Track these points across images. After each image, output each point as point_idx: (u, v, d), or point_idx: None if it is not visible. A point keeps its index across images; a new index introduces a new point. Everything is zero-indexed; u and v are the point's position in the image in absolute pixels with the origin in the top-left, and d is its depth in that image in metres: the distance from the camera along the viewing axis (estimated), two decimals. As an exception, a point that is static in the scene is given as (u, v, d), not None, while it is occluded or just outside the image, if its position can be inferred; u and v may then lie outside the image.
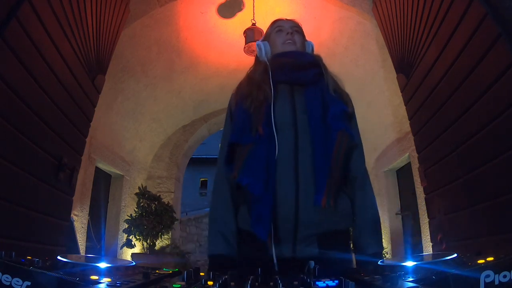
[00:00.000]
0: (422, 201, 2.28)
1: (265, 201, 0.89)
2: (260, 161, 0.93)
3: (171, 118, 4.94)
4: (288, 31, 1.14)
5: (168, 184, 5.16)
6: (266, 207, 0.89)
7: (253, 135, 0.96)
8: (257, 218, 0.90)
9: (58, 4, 1.81)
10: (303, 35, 1.19)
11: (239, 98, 1.06)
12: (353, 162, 1.01)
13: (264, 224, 0.88)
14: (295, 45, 1.13)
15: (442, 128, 1.93)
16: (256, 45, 1.18)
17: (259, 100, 1.01)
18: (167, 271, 0.69)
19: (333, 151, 0.93)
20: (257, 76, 1.09)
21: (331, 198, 0.90)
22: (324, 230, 0.92)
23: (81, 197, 3.38)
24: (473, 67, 1.62)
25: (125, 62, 3.44)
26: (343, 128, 0.96)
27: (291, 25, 1.17)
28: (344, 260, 0.96)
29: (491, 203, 1.54)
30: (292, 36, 1.13)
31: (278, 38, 1.15)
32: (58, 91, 1.90)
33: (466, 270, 0.48)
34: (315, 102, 1.00)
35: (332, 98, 1.02)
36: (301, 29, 1.19)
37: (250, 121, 0.99)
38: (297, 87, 1.05)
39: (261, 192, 0.90)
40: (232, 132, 1.01)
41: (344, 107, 1.02)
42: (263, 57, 1.14)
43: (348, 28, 3.32)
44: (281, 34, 1.15)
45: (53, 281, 0.47)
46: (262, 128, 0.96)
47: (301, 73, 1.06)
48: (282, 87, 1.05)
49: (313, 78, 1.06)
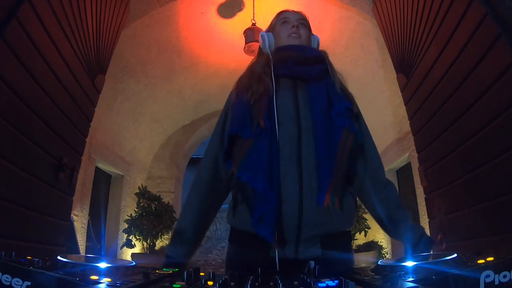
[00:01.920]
0: (422, 201, 2.28)
1: (269, 199, 0.84)
2: (263, 156, 0.88)
3: (171, 118, 4.94)
4: (294, 23, 1.11)
5: (168, 184, 5.16)
6: (270, 205, 0.84)
7: (253, 129, 0.91)
8: (260, 217, 0.84)
9: (58, 4, 1.81)
10: (309, 29, 1.15)
11: (239, 91, 1.02)
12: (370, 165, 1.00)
13: (268, 224, 0.83)
14: (300, 39, 1.09)
15: (442, 128, 1.93)
16: (260, 35, 1.13)
17: (259, 93, 0.97)
18: (167, 271, 0.69)
19: (338, 149, 0.89)
20: (258, 69, 1.05)
21: (335, 197, 0.86)
22: (328, 231, 0.89)
23: (81, 197, 3.38)
24: (473, 67, 1.62)
25: (125, 62, 3.44)
26: (347, 125, 0.92)
27: (297, 17, 1.13)
28: (346, 260, 0.94)
29: (491, 203, 1.54)
30: (298, 29, 1.09)
31: (283, 30, 1.11)
32: (58, 91, 1.90)
33: (466, 270, 0.48)
34: (319, 98, 0.97)
35: (338, 95, 0.99)
36: (308, 22, 1.15)
37: (250, 114, 0.94)
38: (300, 82, 1.01)
39: (264, 189, 0.84)
40: (231, 124, 0.96)
41: (349, 104, 0.98)
42: (266, 48, 1.10)
43: (348, 28, 3.32)
44: (287, 26, 1.11)
45: (53, 281, 0.47)
46: (264, 121, 0.91)
47: (305, 68, 1.02)
48: (284, 81, 1.01)
49: (317, 74, 1.02)
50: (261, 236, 0.83)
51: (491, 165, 1.52)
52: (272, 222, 0.83)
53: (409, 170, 3.66)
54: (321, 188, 0.86)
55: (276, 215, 0.84)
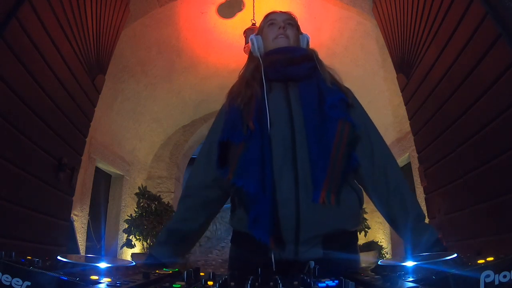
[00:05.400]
0: (422, 201, 2.28)
1: (263, 200, 0.83)
2: (254, 159, 0.87)
3: (171, 118, 4.94)
4: (281, 25, 1.09)
5: (168, 184, 5.16)
6: (264, 207, 0.83)
7: (244, 132, 0.90)
8: (255, 219, 0.83)
9: (58, 4, 1.81)
10: (297, 28, 1.14)
11: (230, 99, 1.02)
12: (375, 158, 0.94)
13: (263, 225, 0.82)
14: (288, 40, 1.08)
15: (442, 128, 1.93)
16: (250, 39, 1.13)
17: (248, 96, 0.96)
18: (167, 271, 0.69)
19: (334, 141, 0.86)
20: (247, 74, 1.05)
21: (331, 193, 0.83)
22: (329, 230, 0.86)
23: (81, 197, 3.38)
24: (473, 67, 1.62)
25: (125, 62, 3.44)
26: (343, 117, 0.90)
27: (284, 18, 1.12)
28: (350, 261, 0.91)
29: (491, 203, 1.54)
30: (285, 30, 1.08)
31: (270, 32, 1.10)
32: (58, 91, 1.90)
33: (466, 270, 0.47)
34: (309, 94, 0.95)
35: (329, 89, 0.97)
36: (296, 22, 1.14)
37: (241, 119, 0.93)
38: (291, 83, 1.00)
39: (256, 190, 0.84)
40: (222, 132, 0.95)
41: (342, 95, 0.96)
42: (256, 52, 1.10)
43: (348, 28, 3.32)
44: (273, 28, 1.10)
45: (53, 281, 0.47)
46: (253, 123, 0.90)
47: (294, 68, 1.01)
48: (276, 84, 1.01)
49: (306, 72, 1.01)
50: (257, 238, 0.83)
51: (491, 165, 1.52)
52: (267, 224, 0.82)
53: (409, 170, 3.66)
54: (316, 185, 0.84)
55: (271, 217, 0.83)
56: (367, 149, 0.95)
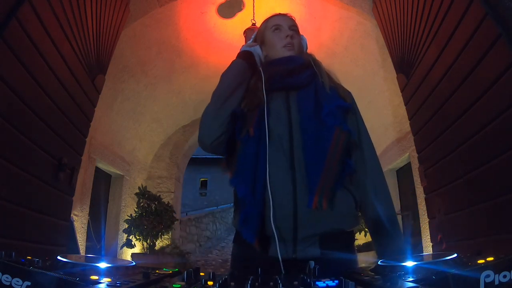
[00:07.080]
0: (422, 201, 2.28)
1: (252, 202, 0.89)
2: (248, 163, 0.93)
3: (171, 118, 4.94)
4: (288, 33, 1.09)
5: (168, 184, 5.16)
6: (253, 209, 0.88)
7: (242, 135, 0.95)
8: (244, 220, 0.89)
9: (58, 4, 1.81)
10: (299, 33, 1.15)
11: None
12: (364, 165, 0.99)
13: (250, 226, 0.88)
14: (294, 50, 1.09)
15: (442, 128, 1.93)
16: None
17: (254, 104, 1.00)
18: (167, 271, 0.69)
19: (330, 147, 0.90)
20: (251, 84, 1.08)
21: (323, 198, 0.87)
22: (326, 230, 0.90)
23: (81, 197, 3.38)
24: (473, 67, 1.62)
25: (125, 62, 3.44)
26: (338, 124, 0.93)
27: (290, 24, 1.12)
28: (348, 261, 0.93)
29: (491, 203, 1.54)
30: (292, 39, 1.09)
31: (277, 40, 1.10)
32: (58, 91, 1.90)
33: (466, 270, 0.48)
34: (307, 102, 0.98)
35: (327, 96, 0.99)
36: (297, 27, 1.15)
37: (243, 120, 0.98)
38: (292, 92, 1.03)
39: (244, 194, 0.90)
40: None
41: (339, 102, 0.98)
42: (258, 65, 1.11)
43: (348, 28, 3.32)
44: (280, 34, 1.10)
45: (53, 281, 0.47)
46: (254, 130, 0.95)
47: (294, 78, 1.04)
48: (277, 94, 1.04)
49: (306, 80, 1.03)
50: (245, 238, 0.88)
51: (491, 165, 1.52)
52: (254, 225, 0.87)
53: (409, 170, 3.66)
54: (310, 190, 0.88)
55: (259, 218, 0.88)
56: (360, 156, 1.00)
